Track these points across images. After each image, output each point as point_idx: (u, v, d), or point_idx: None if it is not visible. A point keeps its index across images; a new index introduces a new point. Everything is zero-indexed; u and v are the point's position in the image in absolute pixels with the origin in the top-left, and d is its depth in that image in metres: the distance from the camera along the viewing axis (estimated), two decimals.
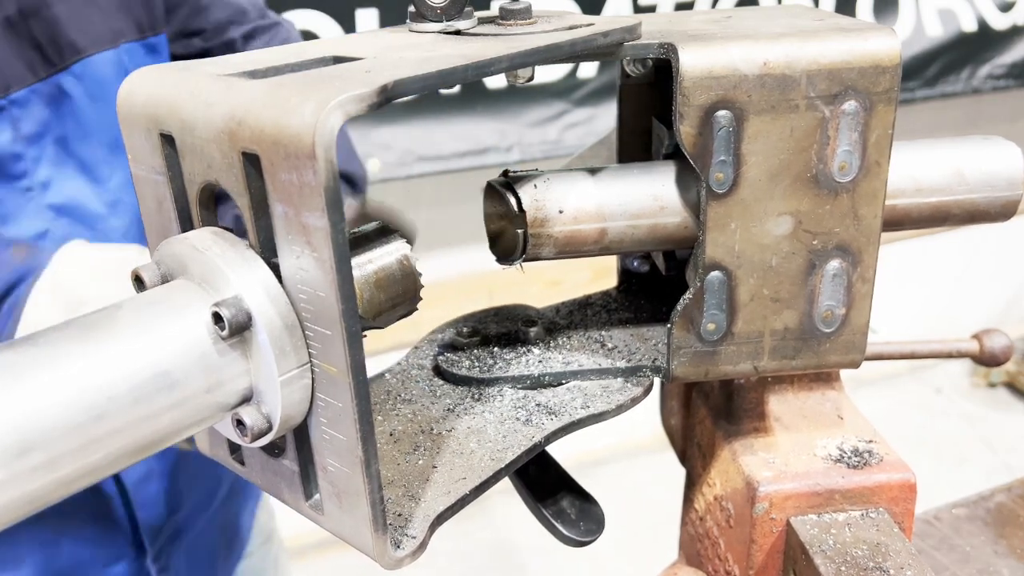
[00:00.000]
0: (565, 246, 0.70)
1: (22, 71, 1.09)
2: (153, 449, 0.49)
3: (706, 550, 0.87)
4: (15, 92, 1.09)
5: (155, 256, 0.54)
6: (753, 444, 0.80)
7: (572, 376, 0.74)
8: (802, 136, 0.64)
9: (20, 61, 1.09)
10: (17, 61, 1.08)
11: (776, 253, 0.67)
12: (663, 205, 0.70)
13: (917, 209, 0.74)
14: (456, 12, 0.64)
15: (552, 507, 0.76)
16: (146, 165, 0.56)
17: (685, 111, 0.63)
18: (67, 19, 1.12)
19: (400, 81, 0.49)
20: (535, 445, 0.67)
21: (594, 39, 0.62)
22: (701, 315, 0.69)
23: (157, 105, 0.53)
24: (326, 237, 0.46)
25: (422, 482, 0.62)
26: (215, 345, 0.50)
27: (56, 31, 1.11)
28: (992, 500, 1.24)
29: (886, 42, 0.64)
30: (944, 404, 3.88)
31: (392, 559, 0.55)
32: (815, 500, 0.76)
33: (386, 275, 0.61)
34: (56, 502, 0.47)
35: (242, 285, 0.50)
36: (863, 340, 0.71)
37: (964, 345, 0.98)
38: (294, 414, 0.52)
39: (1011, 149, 0.74)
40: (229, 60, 0.58)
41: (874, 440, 0.80)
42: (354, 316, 0.48)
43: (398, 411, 0.72)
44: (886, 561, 0.71)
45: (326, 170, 0.45)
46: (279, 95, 0.47)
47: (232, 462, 0.61)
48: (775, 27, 0.66)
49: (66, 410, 0.45)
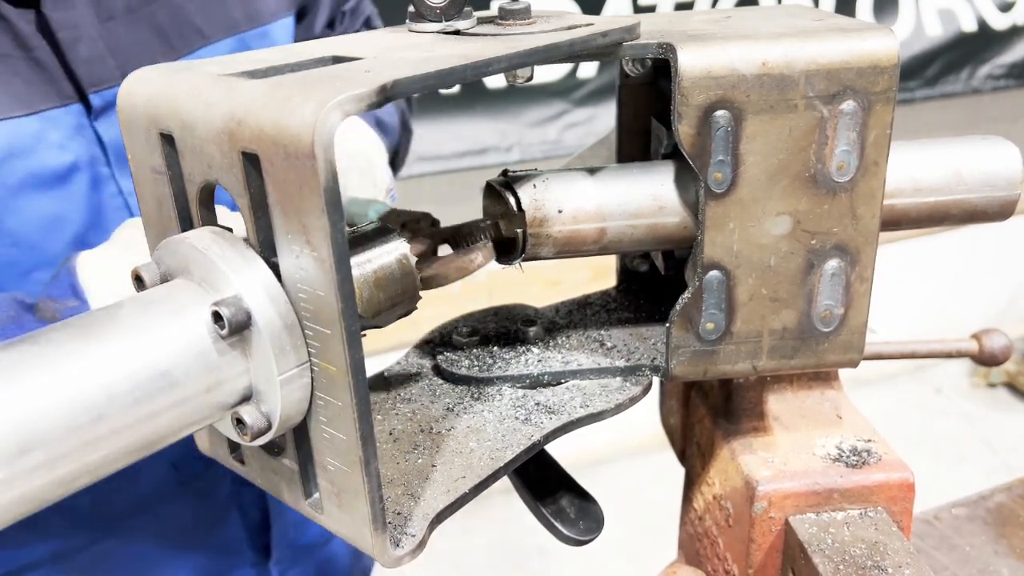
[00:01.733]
0: (564, 246, 0.70)
1: (140, 56, 1.04)
2: (153, 448, 0.49)
3: (705, 549, 0.87)
4: None
5: (155, 255, 0.54)
6: (752, 443, 0.80)
7: (571, 375, 0.74)
8: (800, 136, 0.65)
9: (138, 46, 1.04)
10: (135, 46, 1.04)
11: (775, 253, 0.68)
12: (662, 205, 0.70)
13: (915, 209, 0.74)
14: (455, 12, 0.65)
15: (551, 506, 0.76)
16: (146, 165, 0.56)
17: (684, 111, 0.63)
18: (192, 6, 1.08)
19: (399, 81, 0.49)
20: (534, 444, 0.67)
21: (593, 39, 0.62)
22: (700, 314, 0.69)
23: (157, 105, 0.53)
24: (325, 236, 0.46)
25: (421, 481, 0.62)
26: (215, 344, 0.50)
27: (180, 17, 1.07)
28: (992, 500, 1.24)
29: (884, 42, 0.64)
30: (944, 404, 3.88)
31: (391, 557, 0.55)
32: (814, 499, 0.76)
33: (385, 274, 0.61)
34: (56, 501, 0.47)
35: (242, 284, 0.50)
36: (861, 340, 0.71)
37: (963, 345, 0.98)
38: (294, 413, 0.52)
39: (1009, 149, 0.74)
40: (229, 60, 0.58)
41: (873, 439, 0.80)
42: (353, 315, 0.48)
43: (397, 410, 0.72)
44: (884, 560, 0.71)
45: (325, 170, 0.45)
46: (279, 95, 0.47)
47: (232, 461, 0.62)
48: (774, 27, 0.66)
49: (66, 409, 0.45)
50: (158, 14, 1.05)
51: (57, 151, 0.98)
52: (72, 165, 0.99)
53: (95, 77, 0.99)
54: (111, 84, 1.00)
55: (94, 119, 1.00)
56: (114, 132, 1.02)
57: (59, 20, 0.95)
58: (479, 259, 0.69)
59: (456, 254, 0.69)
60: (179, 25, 1.07)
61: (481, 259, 0.69)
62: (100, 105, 1.00)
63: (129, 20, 1.03)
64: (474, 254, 0.68)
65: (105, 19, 1.00)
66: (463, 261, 0.68)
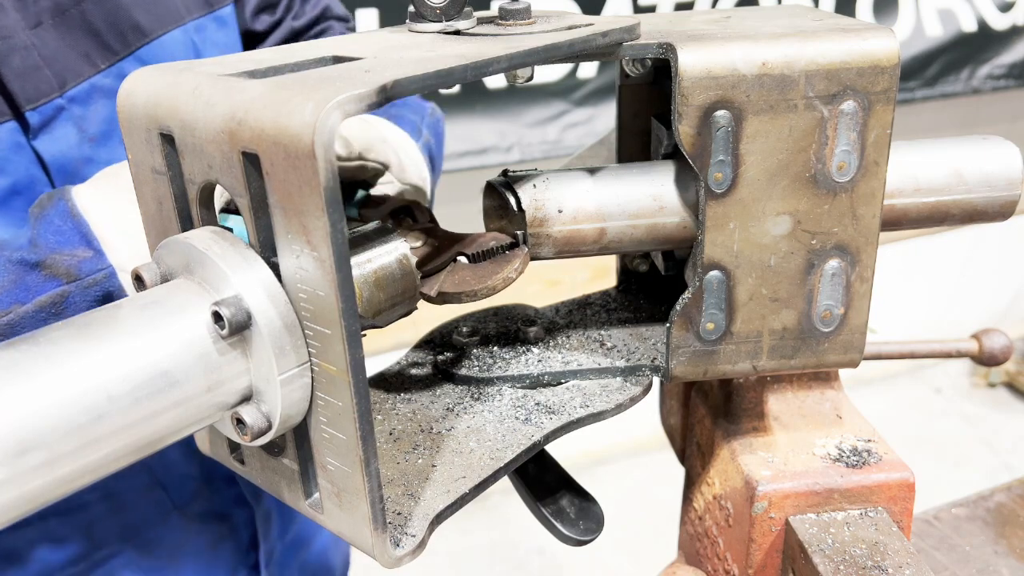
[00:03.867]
0: (564, 245, 0.70)
1: (77, 63, 0.93)
2: (153, 448, 0.49)
3: (705, 549, 0.87)
4: (72, 88, 0.93)
5: (155, 255, 0.54)
6: (752, 443, 0.80)
7: (571, 375, 0.74)
8: (801, 136, 0.65)
9: (73, 51, 0.93)
10: (70, 52, 0.93)
11: (775, 253, 0.67)
12: (662, 205, 0.70)
13: (916, 209, 0.74)
14: (455, 12, 0.65)
15: (551, 506, 0.76)
16: (146, 165, 0.56)
17: (684, 111, 0.63)
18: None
19: (399, 81, 0.49)
20: (534, 444, 0.67)
21: (593, 39, 0.62)
22: (700, 314, 0.69)
23: (157, 105, 0.53)
24: (325, 236, 0.46)
25: (422, 481, 0.62)
26: (215, 344, 0.50)
27: (116, 14, 0.96)
28: (992, 500, 1.24)
29: (884, 42, 0.64)
30: (944, 404, 3.88)
31: (391, 557, 0.55)
32: (814, 499, 0.76)
33: (385, 274, 0.61)
34: (56, 500, 0.47)
35: (242, 284, 0.50)
36: (862, 339, 0.71)
37: (963, 345, 0.98)
38: (294, 413, 0.52)
39: (1009, 149, 0.74)
40: (229, 60, 0.58)
41: (873, 439, 0.80)
42: (353, 315, 0.48)
43: (398, 410, 0.72)
44: (884, 560, 0.71)
45: (325, 170, 0.45)
46: (279, 95, 0.47)
47: (232, 461, 0.62)
48: (774, 27, 0.66)
49: (66, 409, 0.45)
50: (89, 13, 0.94)
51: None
52: (10, 188, 0.90)
53: (31, 92, 0.89)
54: (49, 98, 0.91)
55: (32, 138, 0.91)
56: (55, 149, 0.92)
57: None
58: (520, 267, 0.68)
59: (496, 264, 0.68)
60: (115, 23, 0.96)
61: (521, 267, 0.68)
62: (39, 122, 0.90)
63: (59, 23, 0.92)
64: (516, 262, 0.68)
65: (33, 25, 0.90)
66: (508, 271, 0.68)
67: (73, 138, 0.94)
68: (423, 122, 1.09)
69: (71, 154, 0.94)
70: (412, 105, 1.11)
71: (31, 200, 0.89)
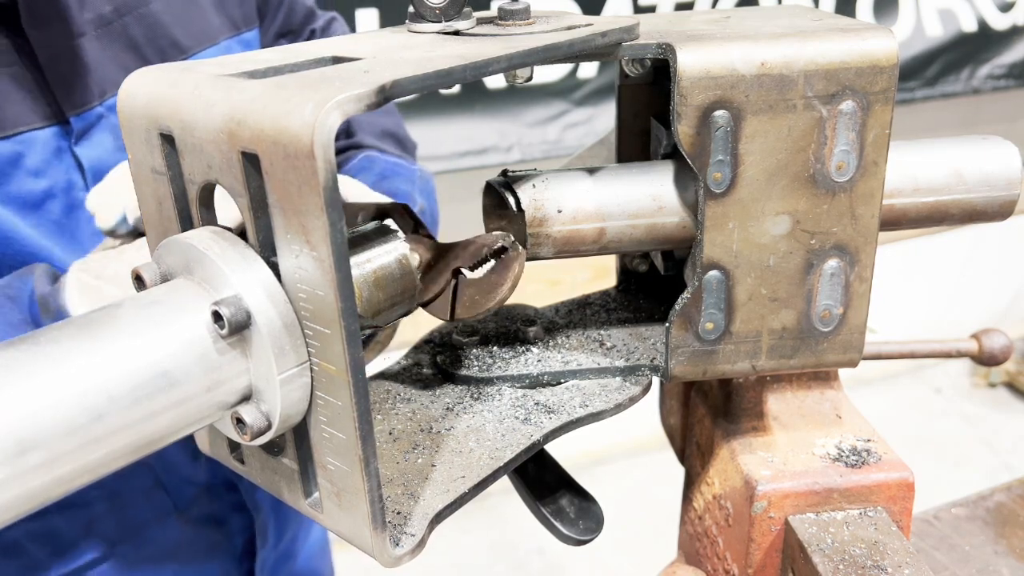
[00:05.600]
0: (564, 246, 0.71)
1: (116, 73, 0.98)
2: (153, 447, 0.50)
3: (705, 549, 0.87)
4: (111, 97, 0.98)
5: (155, 255, 0.54)
6: (752, 443, 0.81)
7: (571, 375, 0.74)
8: (800, 136, 0.65)
9: (114, 63, 0.98)
10: (111, 63, 0.98)
11: (774, 253, 0.68)
12: (661, 205, 0.70)
13: (915, 208, 0.74)
14: (455, 12, 0.65)
15: (551, 506, 0.76)
16: (146, 165, 0.56)
17: (683, 111, 0.63)
18: (168, 17, 1.02)
19: (398, 81, 0.49)
20: (534, 444, 0.67)
21: (592, 39, 0.62)
22: (699, 314, 0.69)
23: (157, 105, 0.53)
24: (325, 236, 0.46)
25: (421, 480, 0.62)
26: (215, 344, 0.50)
27: (156, 30, 1.01)
28: (992, 500, 1.24)
29: (883, 42, 0.64)
30: (944, 404, 3.88)
31: (391, 557, 0.55)
32: (813, 499, 0.76)
33: (385, 274, 0.61)
34: (56, 500, 0.47)
35: (241, 284, 0.50)
36: (861, 339, 0.71)
37: (963, 345, 0.98)
38: (293, 413, 0.52)
39: (1009, 149, 0.75)
40: (229, 60, 0.58)
41: (872, 439, 0.80)
42: (353, 315, 0.48)
43: (397, 410, 0.72)
44: (884, 560, 0.71)
45: (325, 170, 0.45)
46: (278, 95, 0.47)
47: (232, 461, 0.62)
48: (773, 27, 0.67)
49: (66, 409, 0.45)
50: (131, 28, 1.00)
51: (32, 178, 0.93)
52: (46, 191, 0.95)
53: (76, 99, 0.94)
54: (90, 105, 0.96)
55: (75, 143, 0.95)
56: (94, 155, 0.97)
57: (38, 38, 0.91)
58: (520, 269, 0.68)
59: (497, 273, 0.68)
60: (155, 39, 1.02)
61: (520, 269, 0.68)
62: (81, 128, 0.96)
63: (102, 35, 0.97)
64: (515, 266, 0.68)
65: (78, 36, 0.95)
66: (513, 273, 0.67)
67: (109, 145, 0.99)
68: (415, 188, 1.14)
69: (107, 160, 0.98)
70: (403, 174, 1.15)
71: (66, 205, 0.95)
